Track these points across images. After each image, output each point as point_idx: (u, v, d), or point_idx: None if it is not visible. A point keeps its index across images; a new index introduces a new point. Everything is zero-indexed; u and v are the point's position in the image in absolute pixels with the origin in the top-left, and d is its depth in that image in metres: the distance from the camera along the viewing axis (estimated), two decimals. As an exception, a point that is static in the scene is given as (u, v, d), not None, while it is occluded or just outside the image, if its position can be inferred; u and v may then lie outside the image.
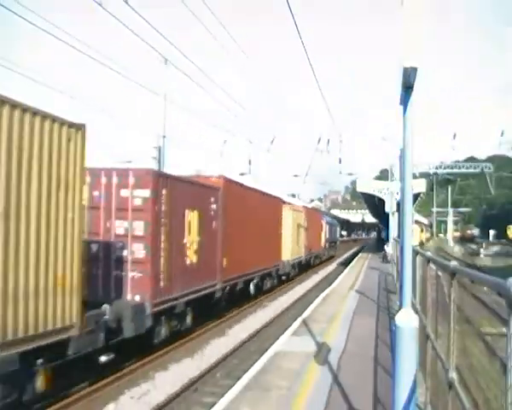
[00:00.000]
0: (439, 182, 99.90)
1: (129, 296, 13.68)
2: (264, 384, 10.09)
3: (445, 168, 63.74)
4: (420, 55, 5.44)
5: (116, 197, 14.04)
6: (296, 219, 36.44)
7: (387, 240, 44.69)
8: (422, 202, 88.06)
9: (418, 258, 10.07)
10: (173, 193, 15.15)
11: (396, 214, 39.49)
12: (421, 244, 64.13)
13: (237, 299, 23.06)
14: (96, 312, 11.88)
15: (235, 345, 16.96)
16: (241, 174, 45.20)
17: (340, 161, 46.34)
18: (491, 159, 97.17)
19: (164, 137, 26.90)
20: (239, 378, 11.06)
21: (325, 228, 55.09)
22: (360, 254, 60.75)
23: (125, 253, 13.84)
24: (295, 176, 57.25)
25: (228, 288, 20.72)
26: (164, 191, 14.64)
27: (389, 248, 40.28)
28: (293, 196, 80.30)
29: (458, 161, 73.88)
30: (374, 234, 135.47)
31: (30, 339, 9.10)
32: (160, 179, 14.69)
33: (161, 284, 14.60)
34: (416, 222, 70.26)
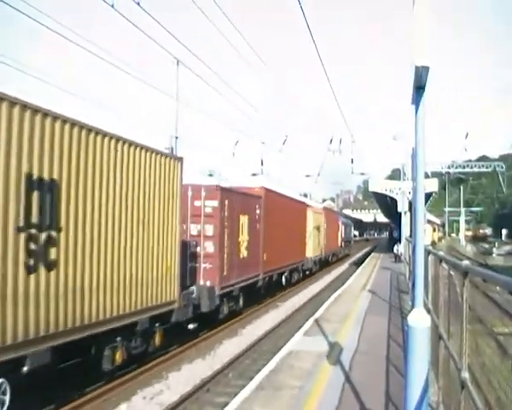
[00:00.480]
0: (451, 181, 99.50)
1: (201, 282, 17.73)
2: (277, 384, 10.09)
3: (456, 167, 63.49)
4: (431, 54, 5.42)
5: (191, 206, 17.94)
6: (317, 221, 40.40)
7: (399, 240, 44.52)
8: (434, 202, 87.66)
9: (430, 257, 10.02)
10: (231, 202, 19.59)
11: (408, 214, 39.36)
12: (434, 244, 63.89)
13: (273, 288, 27.48)
14: (188, 292, 16.39)
15: (248, 345, 16.97)
16: (254, 175, 45.24)
17: (352, 161, 46.26)
18: (503, 158, 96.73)
19: (176, 138, 26.90)
20: (251, 378, 11.07)
21: (341, 228, 58.39)
22: (372, 254, 60.58)
23: (198, 249, 17.85)
24: (307, 176, 57.29)
25: (267, 278, 25.17)
26: (226, 202, 19.06)
27: (400, 247, 40.14)
28: (305, 195, 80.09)
29: (470, 161, 73.59)
30: (386, 234, 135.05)
31: (154, 308, 13.75)
32: (224, 192, 19.02)
33: (224, 273, 18.97)
34: (429, 222, 70.03)
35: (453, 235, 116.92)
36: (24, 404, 9.33)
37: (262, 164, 46.05)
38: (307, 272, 37.37)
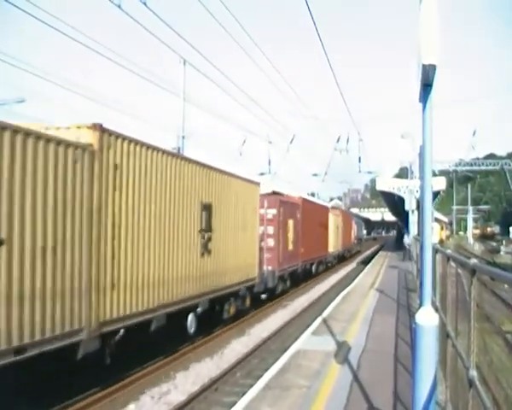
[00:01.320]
0: (458, 179, 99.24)
1: (265, 267, 24.36)
2: (285, 383, 10.09)
3: (464, 166, 63.27)
4: (438, 52, 5.40)
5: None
6: (336, 221, 47.33)
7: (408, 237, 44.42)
8: (442, 200, 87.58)
9: (438, 256, 10.00)
10: (284, 210, 26.98)
11: (415, 212, 39.26)
12: (441, 242, 63.68)
13: (307, 274, 34.99)
14: (261, 272, 23.05)
15: (256, 344, 16.97)
16: (261, 174, 45.22)
17: (359, 160, 46.23)
18: (511, 155, 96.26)
19: (183, 137, 26.91)
20: (259, 377, 11.07)
21: (354, 227, 65.08)
22: (380, 253, 60.51)
23: (262, 244, 24.20)
24: (315, 175, 57.21)
25: (303, 267, 32.66)
26: (281, 209, 26.38)
27: (408, 239, 40.09)
28: (313, 194, 80.00)
29: (478, 158, 73.31)
30: (393, 232, 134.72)
31: (247, 281, 20.77)
32: (280, 202, 26.57)
33: (280, 260, 26.26)
34: (436, 220, 69.81)
35: (461, 233, 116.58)
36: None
37: (269, 163, 46.07)
38: (329, 264, 44.63)
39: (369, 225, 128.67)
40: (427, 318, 5.89)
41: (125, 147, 11.91)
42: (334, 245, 45.50)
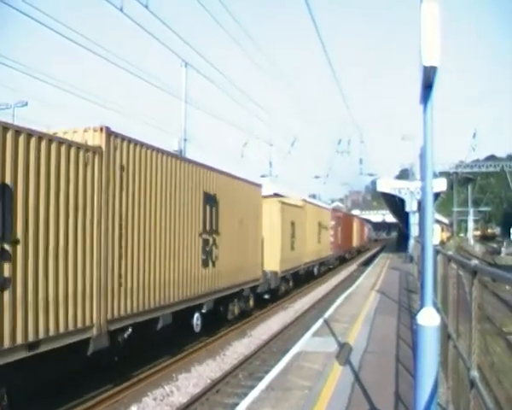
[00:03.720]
0: (459, 181, 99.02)
1: (331, 252, 42.76)
2: (287, 385, 10.09)
3: (464, 167, 63.20)
4: (439, 54, 5.41)
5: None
6: (356, 225, 67.62)
7: (408, 240, 44.45)
8: (443, 202, 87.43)
9: (439, 257, 10.00)
10: (336, 219, 43.99)
11: (416, 214, 39.25)
12: (442, 243, 63.65)
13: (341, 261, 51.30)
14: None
15: (257, 346, 16.97)
16: (262, 176, 45.21)
17: (360, 162, 46.20)
18: (511, 157, 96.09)
19: (185, 140, 26.89)
20: (261, 379, 11.06)
21: (366, 230, 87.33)
22: (381, 255, 60.49)
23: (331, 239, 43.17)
24: (316, 177, 57.18)
25: (343, 253, 51.23)
26: (335, 219, 44.38)
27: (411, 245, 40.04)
28: (314, 196, 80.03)
29: (478, 160, 73.23)
30: (394, 234, 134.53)
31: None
32: (335, 214, 44.86)
33: (336, 248, 45.30)
34: (437, 221, 69.73)
35: (461, 235, 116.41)
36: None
37: (271, 165, 46.06)
38: (353, 254, 64.65)
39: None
40: (429, 318, 5.90)
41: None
42: (355, 242, 65.97)
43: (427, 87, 5.79)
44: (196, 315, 16.18)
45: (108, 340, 11.21)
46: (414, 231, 40.43)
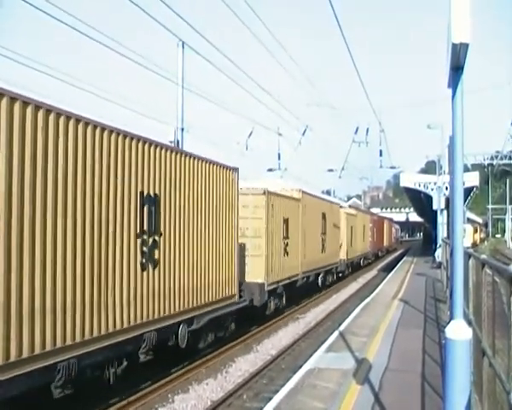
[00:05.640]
0: (494, 175, 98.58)
1: (369, 248, 58.66)
2: (297, 406, 10.06)
3: (501, 159, 62.76)
4: (471, 29, 5.34)
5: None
6: (386, 227, 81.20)
7: (435, 242, 44.32)
8: (476, 199, 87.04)
9: (471, 261, 9.93)
10: (374, 222, 63.61)
11: (445, 212, 39.14)
12: (475, 246, 63.46)
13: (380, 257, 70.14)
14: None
15: (264, 362, 16.94)
16: (270, 170, 45.13)
17: (380, 153, 46.11)
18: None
19: (182, 129, 26.79)
20: (268, 400, 11.03)
21: (393, 231, 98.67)
22: (404, 258, 60.44)
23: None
24: (330, 170, 57.07)
25: (381, 249, 72.53)
26: (373, 223, 62.37)
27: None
28: (328, 193, 79.88)
29: (517, 150, 72.83)
30: (419, 235, 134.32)
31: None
32: (373, 218, 64.64)
33: (376, 246, 65.37)
34: (469, 221, 69.53)
35: (498, 236, 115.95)
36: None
37: (279, 158, 45.95)
38: (386, 251, 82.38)
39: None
40: (459, 332, 5.85)
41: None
42: (385, 242, 79.25)
43: (457, 68, 5.73)
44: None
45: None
46: (442, 231, 40.34)
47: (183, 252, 15.11)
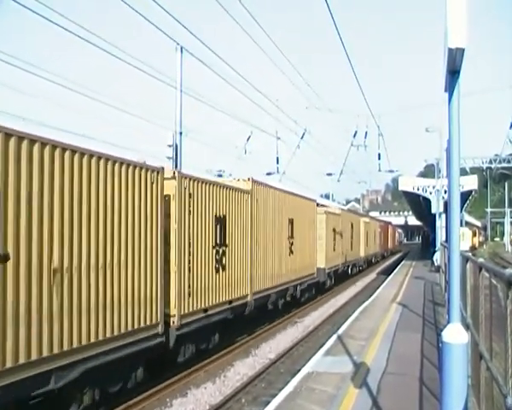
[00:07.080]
0: (493, 178, 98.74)
1: (376, 250, 68.15)
2: (295, 410, 10.06)
3: (500, 162, 62.74)
4: (467, 34, 5.36)
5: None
6: (390, 231, 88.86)
7: (434, 246, 44.29)
8: (474, 202, 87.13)
9: (469, 265, 9.95)
10: (381, 228, 74.40)
11: (443, 216, 39.15)
12: (473, 249, 63.51)
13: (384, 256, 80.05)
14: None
15: (263, 366, 16.93)
16: (268, 174, 45.08)
17: (379, 157, 46.04)
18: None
19: (181, 133, 26.83)
20: (267, 404, 11.03)
21: (396, 235, 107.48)
22: (403, 262, 60.40)
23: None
24: (329, 174, 57.09)
25: (387, 250, 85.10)
26: (381, 228, 73.68)
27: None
28: (327, 197, 79.86)
29: (516, 154, 72.80)
30: (418, 238, 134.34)
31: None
32: (381, 225, 74.62)
33: (384, 247, 78.47)
34: (467, 224, 69.61)
35: (497, 239, 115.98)
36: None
37: (278, 162, 45.86)
38: (390, 253, 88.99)
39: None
40: (456, 335, 5.84)
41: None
42: (389, 244, 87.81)
43: (453, 72, 5.75)
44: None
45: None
46: (441, 235, 40.33)
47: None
